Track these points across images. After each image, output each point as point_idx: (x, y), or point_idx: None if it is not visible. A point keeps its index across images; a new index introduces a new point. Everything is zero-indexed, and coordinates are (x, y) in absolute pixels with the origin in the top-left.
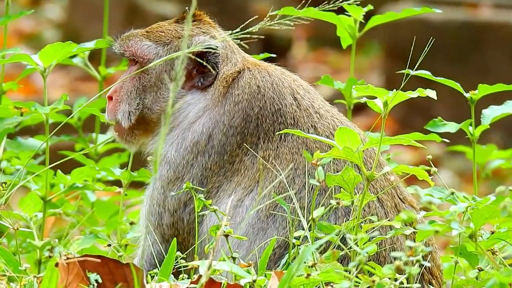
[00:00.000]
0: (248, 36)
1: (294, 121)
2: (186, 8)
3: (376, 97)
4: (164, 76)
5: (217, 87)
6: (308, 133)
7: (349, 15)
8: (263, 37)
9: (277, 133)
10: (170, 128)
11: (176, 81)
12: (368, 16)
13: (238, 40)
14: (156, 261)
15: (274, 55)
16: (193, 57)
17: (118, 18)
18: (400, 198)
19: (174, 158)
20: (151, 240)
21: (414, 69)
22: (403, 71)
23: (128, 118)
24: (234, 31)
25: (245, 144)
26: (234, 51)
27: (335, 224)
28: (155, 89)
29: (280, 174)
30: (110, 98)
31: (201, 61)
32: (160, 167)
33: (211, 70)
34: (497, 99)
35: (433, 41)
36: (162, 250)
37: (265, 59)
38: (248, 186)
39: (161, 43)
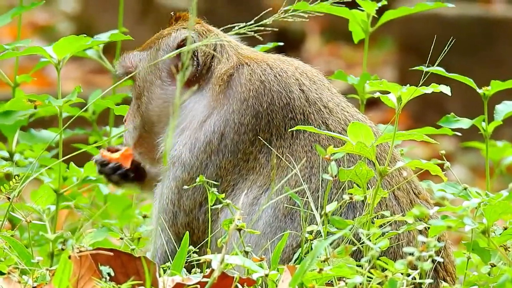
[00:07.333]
0: (262, 28)
1: (304, 116)
2: (171, 12)
3: (390, 92)
4: (151, 76)
5: (213, 86)
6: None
7: (362, 10)
8: (276, 29)
9: (289, 130)
10: (180, 129)
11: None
12: (381, 10)
13: (253, 33)
14: (170, 260)
15: (281, 44)
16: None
17: (133, 10)
18: (415, 193)
19: (188, 159)
20: (165, 239)
21: (432, 65)
22: (417, 67)
23: (131, 135)
24: (248, 23)
25: (259, 138)
26: (224, 45)
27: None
28: (146, 92)
29: (295, 171)
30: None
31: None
32: (174, 168)
33: (195, 63)
34: (511, 94)
35: (447, 36)
36: (177, 249)
37: (272, 51)
38: (264, 184)
39: (145, 48)
